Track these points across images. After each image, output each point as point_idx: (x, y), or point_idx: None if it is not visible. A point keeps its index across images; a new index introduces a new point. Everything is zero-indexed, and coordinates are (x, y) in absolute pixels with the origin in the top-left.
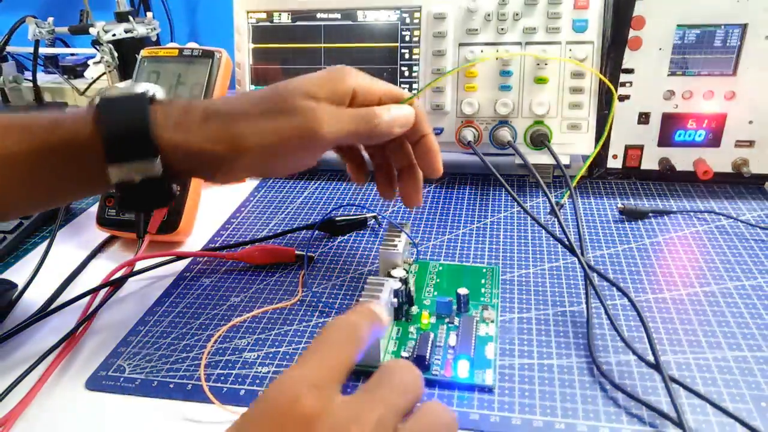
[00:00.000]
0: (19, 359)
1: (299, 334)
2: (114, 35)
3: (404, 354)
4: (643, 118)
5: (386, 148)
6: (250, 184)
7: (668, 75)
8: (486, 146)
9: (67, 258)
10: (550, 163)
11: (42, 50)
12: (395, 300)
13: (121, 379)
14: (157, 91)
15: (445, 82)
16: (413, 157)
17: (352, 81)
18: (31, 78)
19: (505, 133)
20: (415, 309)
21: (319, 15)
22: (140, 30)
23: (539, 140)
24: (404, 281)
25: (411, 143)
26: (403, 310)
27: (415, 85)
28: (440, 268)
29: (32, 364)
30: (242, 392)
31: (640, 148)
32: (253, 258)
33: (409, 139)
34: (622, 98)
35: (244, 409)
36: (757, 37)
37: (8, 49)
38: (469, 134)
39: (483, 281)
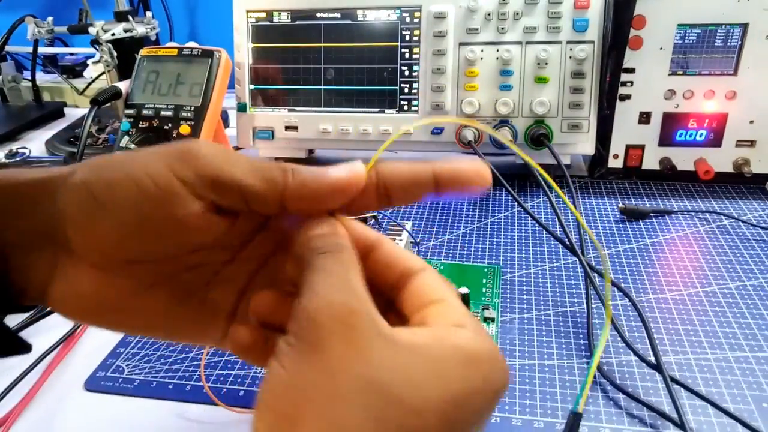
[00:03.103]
0: (17, 360)
1: None
2: (113, 35)
3: None
4: (644, 117)
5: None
6: None
7: (669, 74)
8: (486, 146)
9: None
10: (551, 163)
11: (41, 50)
12: None
13: (120, 379)
14: None
15: (445, 82)
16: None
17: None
18: (30, 78)
19: (505, 133)
20: None
21: (318, 14)
22: (139, 29)
23: (539, 140)
24: None
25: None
26: None
27: (415, 85)
28: (441, 267)
29: (31, 365)
30: (241, 393)
31: (641, 147)
32: None
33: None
34: (623, 98)
35: (245, 410)
36: (757, 37)
37: (7, 48)
38: (469, 134)
39: (484, 281)
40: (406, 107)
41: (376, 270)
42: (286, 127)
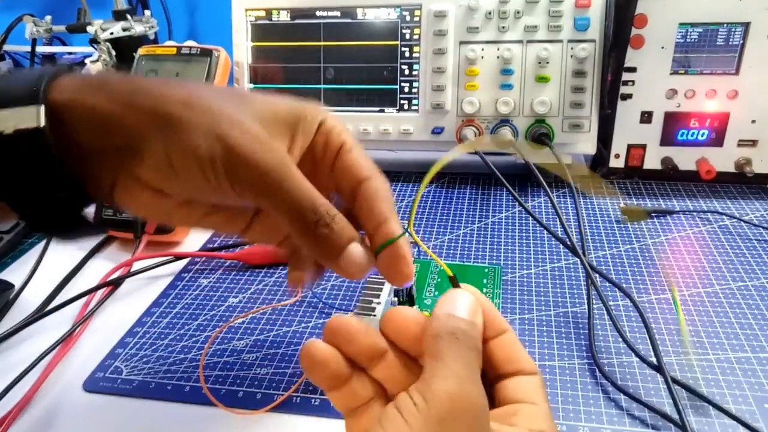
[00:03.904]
0: (16, 360)
1: (298, 335)
2: (112, 34)
3: None
4: (646, 117)
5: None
6: None
7: (671, 74)
8: (487, 146)
9: (64, 258)
10: (552, 163)
11: (39, 49)
12: (396, 299)
13: (119, 380)
14: None
15: (445, 81)
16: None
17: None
18: None
19: (506, 132)
20: (415, 308)
21: (318, 13)
22: (138, 28)
23: (540, 139)
24: None
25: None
26: None
27: (415, 84)
28: (441, 267)
29: (29, 365)
30: (240, 394)
31: (643, 147)
32: (252, 258)
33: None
34: (624, 97)
35: (244, 411)
36: (759, 36)
37: (5, 47)
38: (469, 133)
39: (484, 281)
40: (406, 106)
41: (494, 357)
42: None
